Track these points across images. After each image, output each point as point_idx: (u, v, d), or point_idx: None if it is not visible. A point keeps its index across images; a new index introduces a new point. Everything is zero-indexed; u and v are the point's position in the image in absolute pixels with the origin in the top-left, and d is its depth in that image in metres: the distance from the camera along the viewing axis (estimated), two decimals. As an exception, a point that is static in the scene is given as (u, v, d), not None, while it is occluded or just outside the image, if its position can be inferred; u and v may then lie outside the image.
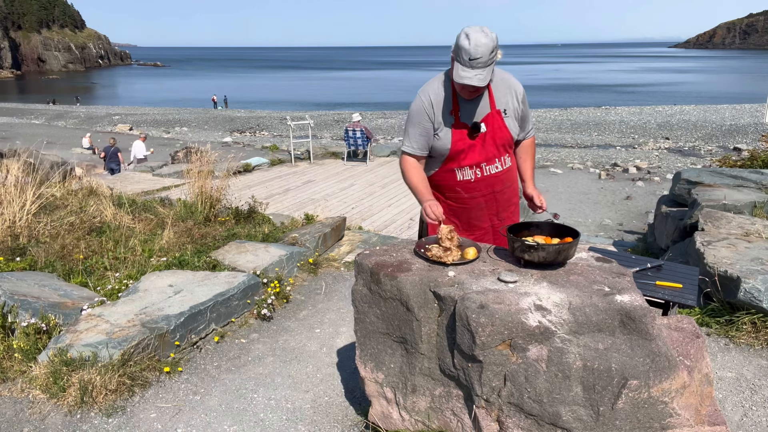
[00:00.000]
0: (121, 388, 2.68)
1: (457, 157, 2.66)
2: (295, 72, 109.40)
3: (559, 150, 21.37)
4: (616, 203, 11.04)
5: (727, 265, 3.52)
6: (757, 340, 3.19)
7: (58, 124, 32.83)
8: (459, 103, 2.55)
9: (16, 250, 4.18)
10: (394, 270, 2.17)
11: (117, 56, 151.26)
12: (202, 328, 3.26)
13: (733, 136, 23.45)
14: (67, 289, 3.56)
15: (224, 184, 5.86)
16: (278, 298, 3.83)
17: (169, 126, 32.28)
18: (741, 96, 42.96)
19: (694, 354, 1.96)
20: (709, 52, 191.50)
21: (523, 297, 1.92)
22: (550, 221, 2.37)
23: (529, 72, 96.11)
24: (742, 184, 5.83)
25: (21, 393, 2.66)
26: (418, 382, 2.18)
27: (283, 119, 32.62)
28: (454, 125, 2.58)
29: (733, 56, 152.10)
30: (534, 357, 1.85)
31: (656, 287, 2.98)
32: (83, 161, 15.08)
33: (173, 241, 4.63)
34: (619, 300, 1.86)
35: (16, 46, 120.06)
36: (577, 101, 43.61)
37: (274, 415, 2.64)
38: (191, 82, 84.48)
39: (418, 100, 2.59)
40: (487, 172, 2.70)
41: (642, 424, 1.81)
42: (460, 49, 2.32)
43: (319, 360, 3.15)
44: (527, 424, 1.89)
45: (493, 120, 2.58)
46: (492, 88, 2.56)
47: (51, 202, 5.27)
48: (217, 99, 47.01)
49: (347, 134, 12.77)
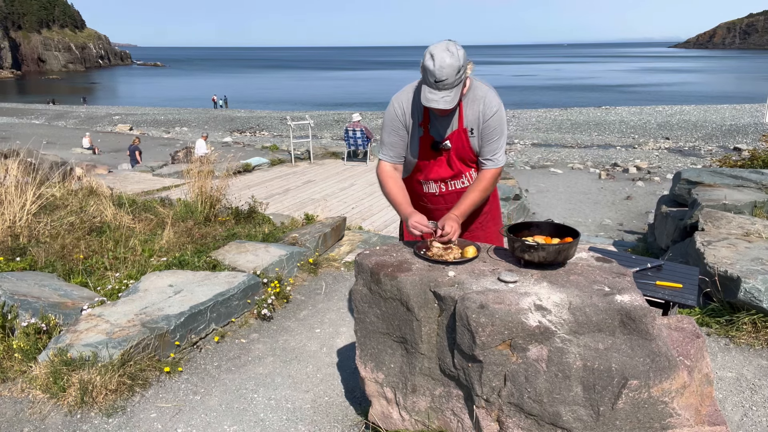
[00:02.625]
0: (121, 388, 2.68)
1: (424, 169, 2.63)
2: (295, 72, 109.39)
3: (559, 150, 21.38)
4: (616, 203, 11.04)
5: (727, 265, 3.52)
6: (757, 340, 3.19)
7: (58, 124, 32.83)
8: (430, 115, 2.49)
9: (16, 250, 4.18)
10: (394, 270, 2.17)
11: (117, 56, 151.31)
12: (202, 328, 3.26)
13: (733, 136, 23.46)
14: (67, 289, 3.56)
15: (224, 184, 5.86)
16: (278, 298, 3.83)
17: (169, 126, 32.28)
18: (741, 96, 42.96)
19: (694, 354, 1.96)
20: (709, 52, 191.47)
21: (523, 297, 1.92)
22: (549, 220, 2.37)
23: (529, 72, 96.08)
24: (742, 184, 5.83)
25: (21, 393, 2.66)
26: (418, 382, 2.18)
27: (283, 119, 32.63)
28: (422, 137, 2.53)
29: (733, 56, 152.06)
30: (534, 357, 1.85)
31: (656, 287, 2.98)
32: (83, 161, 15.08)
33: (173, 241, 4.63)
34: (619, 300, 1.86)
35: (16, 46, 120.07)
36: (577, 101, 43.62)
37: (274, 415, 2.64)
38: (191, 82, 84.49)
39: (391, 108, 2.52)
40: (452, 187, 2.66)
41: (642, 424, 1.81)
42: (426, 71, 2.23)
43: (319, 360, 3.15)
44: (527, 424, 1.89)
45: (458, 138, 2.50)
46: (463, 105, 2.46)
47: (51, 202, 5.27)
48: (217, 99, 47.01)
49: (347, 134, 12.77)
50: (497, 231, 2.81)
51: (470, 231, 2.76)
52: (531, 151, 20.98)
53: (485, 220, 2.80)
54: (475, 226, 2.77)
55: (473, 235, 2.77)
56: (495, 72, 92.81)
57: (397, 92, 2.57)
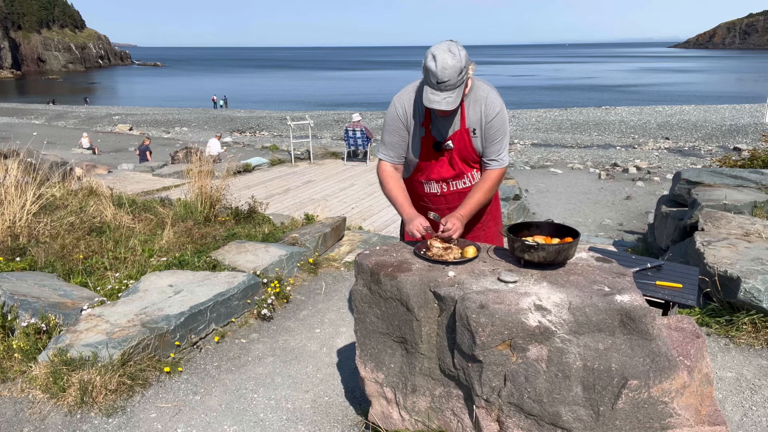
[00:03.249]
0: (121, 388, 2.68)
1: (425, 169, 2.62)
2: (295, 72, 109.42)
3: (559, 150, 21.38)
4: (616, 203, 11.04)
5: (727, 265, 3.52)
6: (757, 340, 3.19)
7: (58, 124, 32.85)
8: (431, 115, 2.48)
9: (16, 250, 4.18)
10: (394, 270, 2.17)
11: (117, 56, 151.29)
12: (202, 328, 3.26)
13: (733, 136, 23.47)
14: (67, 289, 3.56)
15: (224, 184, 5.86)
16: (278, 298, 3.83)
17: (169, 126, 32.29)
18: (741, 96, 42.99)
19: (694, 354, 1.96)
20: (709, 52, 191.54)
21: (523, 297, 1.92)
22: (549, 220, 2.37)
23: (529, 72, 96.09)
24: (742, 184, 5.83)
25: (21, 393, 2.66)
26: (418, 382, 2.18)
27: (283, 119, 32.64)
28: (423, 137, 2.53)
29: (733, 56, 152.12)
30: (534, 357, 1.85)
31: (656, 287, 2.98)
32: (83, 161, 15.09)
33: (173, 241, 4.63)
34: (619, 300, 1.86)
35: (16, 46, 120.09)
36: (577, 101, 43.63)
37: (274, 415, 2.64)
38: (191, 82, 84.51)
39: (393, 108, 2.52)
40: (454, 187, 2.65)
41: (642, 424, 1.81)
42: (428, 72, 2.22)
43: (319, 360, 3.15)
44: (527, 424, 1.89)
45: (460, 138, 2.50)
46: (465, 106, 2.45)
47: (51, 202, 5.27)
48: (217, 99, 47.01)
49: (347, 134, 12.77)
50: (498, 231, 2.81)
51: (472, 231, 2.76)
52: (531, 151, 20.99)
53: (487, 220, 2.80)
54: (478, 227, 2.77)
55: (475, 235, 2.77)
56: (495, 72, 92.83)
57: (398, 92, 2.56)
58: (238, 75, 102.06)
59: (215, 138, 16.45)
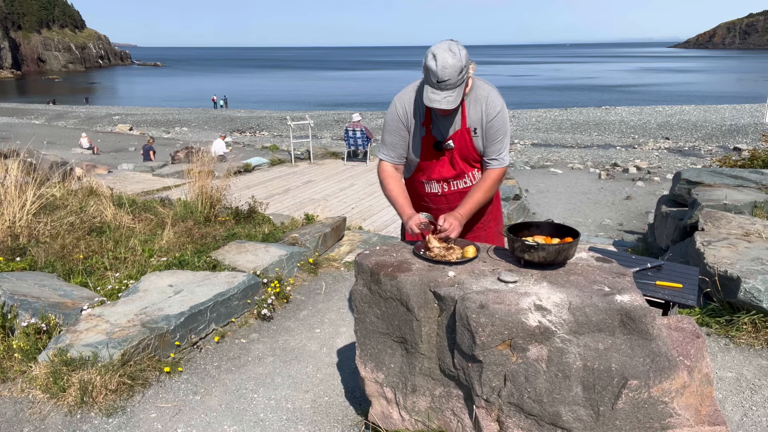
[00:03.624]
0: (121, 388, 2.68)
1: (426, 169, 2.62)
2: (295, 72, 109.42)
3: (559, 150, 21.39)
4: (616, 203, 11.04)
5: (727, 265, 3.52)
6: (757, 340, 3.19)
7: (58, 124, 32.85)
8: (432, 115, 2.48)
9: (16, 250, 4.18)
10: (394, 270, 2.17)
11: (117, 56, 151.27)
12: (202, 328, 3.26)
13: (733, 136, 23.47)
14: (67, 289, 3.56)
15: (224, 184, 5.86)
16: (278, 298, 3.83)
17: (169, 126, 32.29)
18: (741, 96, 42.99)
19: (694, 354, 1.96)
20: (709, 52, 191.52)
21: (523, 297, 1.92)
22: (549, 220, 2.37)
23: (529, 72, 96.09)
24: (742, 184, 5.83)
25: (21, 393, 2.66)
26: (418, 382, 2.18)
27: (283, 119, 32.64)
28: (424, 137, 2.52)
29: (733, 56, 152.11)
30: (534, 357, 1.85)
31: (656, 287, 2.98)
32: (83, 161, 15.09)
33: (173, 241, 4.63)
34: (619, 300, 1.86)
35: (16, 46, 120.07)
36: (577, 101, 43.63)
37: (274, 415, 2.64)
38: (191, 82, 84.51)
39: (393, 108, 2.52)
40: (455, 187, 2.65)
41: (642, 424, 1.81)
42: (428, 71, 2.22)
43: (319, 360, 3.15)
44: (527, 424, 1.89)
45: (461, 138, 2.49)
46: (466, 105, 2.45)
47: (51, 202, 5.27)
48: (217, 99, 47.01)
49: (347, 134, 12.77)
50: (498, 231, 2.81)
51: (473, 231, 2.75)
52: (531, 151, 20.99)
53: (488, 220, 2.80)
54: (479, 226, 2.77)
55: (476, 234, 2.76)
56: (495, 72, 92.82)
57: (398, 92, 2.56)
58: (238, 75, 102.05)
59: (220, 138, 16.58)
